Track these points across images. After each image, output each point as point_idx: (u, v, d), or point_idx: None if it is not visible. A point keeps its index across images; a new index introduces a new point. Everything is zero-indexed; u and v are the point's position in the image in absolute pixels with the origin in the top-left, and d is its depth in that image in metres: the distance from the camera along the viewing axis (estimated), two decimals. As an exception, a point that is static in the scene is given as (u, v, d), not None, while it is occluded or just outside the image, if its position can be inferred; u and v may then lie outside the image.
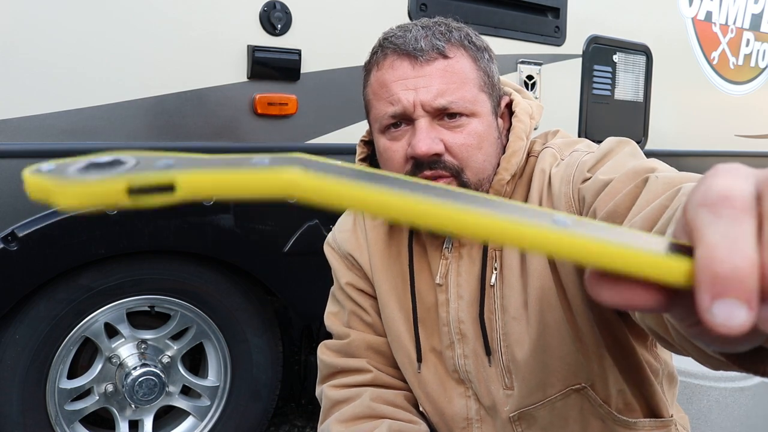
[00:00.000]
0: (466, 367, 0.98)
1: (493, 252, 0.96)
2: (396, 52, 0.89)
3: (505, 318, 0.94)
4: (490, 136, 0.92)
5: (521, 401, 0.94)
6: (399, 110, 0.88)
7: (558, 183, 0.89)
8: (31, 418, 1.83)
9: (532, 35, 2.54)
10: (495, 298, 0.95)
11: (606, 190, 0.77)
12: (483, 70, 0.92)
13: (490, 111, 0.93)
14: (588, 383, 0.93)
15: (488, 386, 0.97)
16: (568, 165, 0.89)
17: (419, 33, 0.89)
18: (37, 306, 1.78)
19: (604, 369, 0.92)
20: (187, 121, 1.86)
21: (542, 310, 0.90)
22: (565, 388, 0.93)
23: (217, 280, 2.02)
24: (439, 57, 0.88)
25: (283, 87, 1.99)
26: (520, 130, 0.95)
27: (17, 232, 1.66)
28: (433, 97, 0.87)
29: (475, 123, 0.90)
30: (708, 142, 3.41)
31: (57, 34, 1.68)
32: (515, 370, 0.94)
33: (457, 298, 0.97)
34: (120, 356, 1.97)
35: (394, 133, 0.91)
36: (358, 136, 1.07)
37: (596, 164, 0.84)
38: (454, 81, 0.88)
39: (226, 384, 2.11)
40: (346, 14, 2.10)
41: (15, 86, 1.65)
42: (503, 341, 0.94)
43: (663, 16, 3.09)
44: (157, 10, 1.80)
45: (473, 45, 0.92)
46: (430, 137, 0.87)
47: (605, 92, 2.83)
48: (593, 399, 0.93)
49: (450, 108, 0.88)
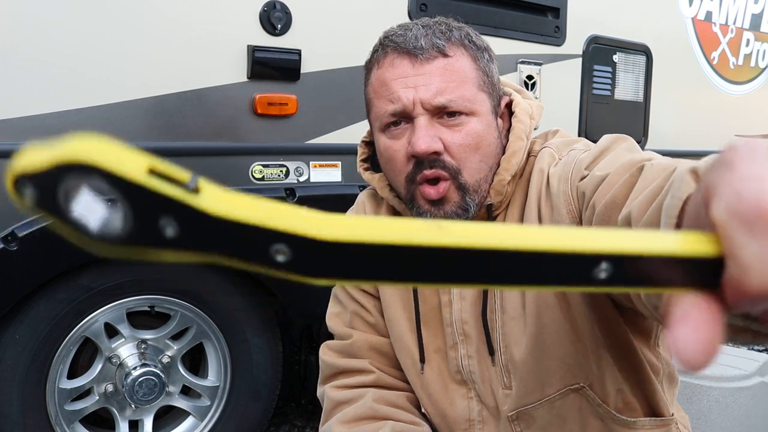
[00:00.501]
0: (470, 368, 0.98)
1: None
2: (396, 51, 0.89)
3: (504, 318, 0.94)
4: (489, 135, 0.92)
5: (519, 401, 0.94)
6: (399, 108, 0.89)
7: (556, 182, 0.89)
8: (31, 418, 1.83)
9: (532, 35, 2.54)
10: (495, 298, 0.95)
11: (603, 183, 0.77)
12: (483, 70, 0.92)
13: (489, 110, 0.93)
14: (586, 383, 0.93)
15: (491, 386, 0.97)
16: (565, 164, 0.89)
17: (420, 32, 0.89)
18: (37, 306, 1.78)
19: (603, 369, 0.92)
20: (187, 121, 1.86)
21: (539, 310, 0.90)
22: (563, 387, 0.93)
23: (217, 280, 2.01)
24: (439, 55, 0.88)
25: (283, 87, 1.99)
26: (520, 131, 0.95)
27: (17, 232, 1.66)
28: (432, 95, 0.87)
29: (474, 122, 0.90)
30: (708, 142, 3.40)
31: (57, 34, 1.68)
32: (513, 369, 0.94)
33: (460, 299, 0.97)
34: (120, 356, 1.97)
35: (394, 132, 0.91)
36: (358, 136, 1.07)
37: (593, 161, 0.84)
38: (453, 80, 0.88)
39: (226, 384, 2.11)
40: (346, 14, 2.10)
41: (15, 86, 1.65)
42: (502, 341, 0.94)
43: (663, 16, 3.09)
44: (157, 10, 1.80)
45: (473, 44, 0.92)
46: (429, 135, 0.87)
47: (605, 92, 2.83)
48: (592, 398, 0.93)
49: (449, 106, 0.88)
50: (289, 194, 2.01)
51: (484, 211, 0.95)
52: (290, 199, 2.01)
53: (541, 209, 0.91)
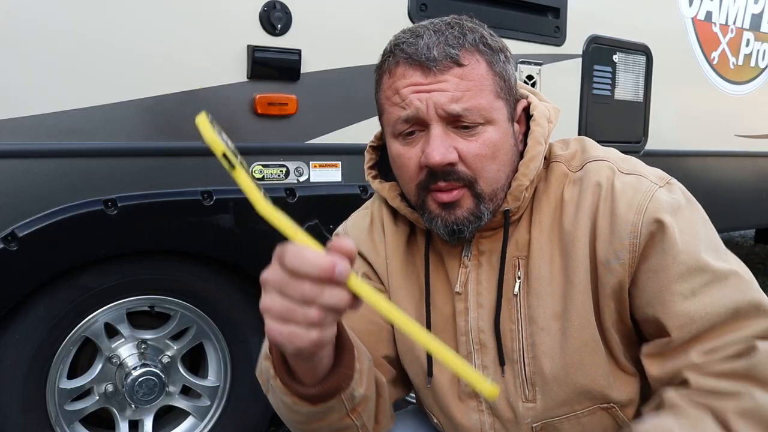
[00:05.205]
0: None
1: (516, 260, 0.94)
2: (407, 62, 0.86)
3: (532, 328, 0.91)
4: (506, 143, 0.89)
5: (546, 413, 0.93)
6: (412, 113, 0.85)
7: (625, 205, 0.86)
8: (31, 418, 1.82)
9: (532, 35, 2.54)
10: (518, 307, 0.92)
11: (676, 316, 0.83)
12: (499, 75, 0.88)
13: (506, 117, 0.90)
14: (617, 404, 0.92)
15: (508, 398, 0.95)
16: (636, 191, 0.87)
17: (431, 40, 0.85)
18: (37, 306, 1.77)
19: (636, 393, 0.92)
20: (187, 121, 1.86)
21: (582, 325, 0.89)
22: (593, 405, 0.92)
23: (217, 280, 2.01)
24: (453, 65, 0.84)
25: (283, 87, 1.99)
26: (539, 135, 0.92)
27: (17, 232, 1.66)
28: (447, 100, 0.84)
29: (491, 131, 0.87)
30: (708, 142, 3.40)
31: (57, 34, 1.68)
32: (541, 382, 0.92)
33: (477, 307, 0.95)
34: (120, 356, 1.97)
35: (407, 139, 0.89)
36: (358, 136, 1.06)
37: (673, 217, 0.85)
38: (469, 88, 0.85)
39: (226, 384, 2.11)
40: (346, 14, 2.10)
41: (15, 86, 1.64)
42: (528, 352, 0.92)
43: (663, 16, 3.09)
44: (156, 10, 1.80)
45: (488, 47, 0.88)
46: (444, 146, 0.84)
47: (605, 92, 2.83)
48: (620, 419, 0.93)
49: (464, 116, 0.84)
50: (289, 194, 2.01)
51: (500, 217, 0.93)
52: (290, 199, 2.01)
53: (599, 222, 0.88)
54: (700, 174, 3.40)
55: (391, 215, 1.04)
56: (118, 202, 1.76)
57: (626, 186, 0.88)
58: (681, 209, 0.86)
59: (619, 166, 0.92)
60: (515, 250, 0.94)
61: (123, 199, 1.76)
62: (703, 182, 3.39)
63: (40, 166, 1.68)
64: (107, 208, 1.74)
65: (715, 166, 3.49)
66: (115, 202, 1.75)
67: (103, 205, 1.74)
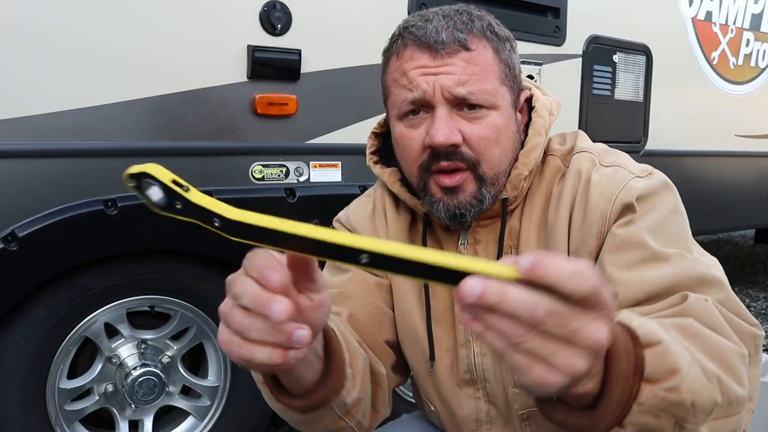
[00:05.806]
0: (483, 366, 0.97)
1: (509, 249, 0.95)
2: (416, 44, 0.87)
3: None
4: (509, 129, 0.91)
5: (530, 400, 0.93)
6: (419, 95, 0.87)
7: (597, 195, 0.87)
8: (31, 418, 1.82)
9: (532, 35, 2.54)
10: None
11: (631, 279, 0.80)
12: (504, 62, 0.90)
13: (509, 104, 0.91)
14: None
15: (504, 385, 0.96)
16: (611, 180, 0.88)
17: (440, 24, 0.87)
18: (37, 306, 1.77)
19: None
20: (187, 121, 1.86)
21: None
22: None
23: (217, 280, 2.01)
24: (461, 49, 0.87)
25: (283, 87, 1.99)
26: (540, 126, 0.94)
27: (17, 232, 1.66)
28: (453, 83, 0.85)
29: (495, 116, 0.88)
30: (708, 142, 3.41)
31: (57, 34, 1.68)
32: None
33: None
34: (120, 356, 1.97)
35: (412, 120, 0.90)
36: (358, 137, 1.06)
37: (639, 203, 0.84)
38: (475, 72, 0.87)
39: (226, 384, 2.11)
40: (346, 14, 2.10)
41: (15, 86, 1.64)
42: None
43: (663, 16, 3.09)
44: (156, 10, 1.80)
45: (495, 35, 0.90)
46: (448, 127, 0.86)
47: (605, 92, 2.83)
48: None
49: (470, 99, 0.86)
50: (289, 194, 2.01)
51: (499, 206, 0.94)
52: (290, 199, 2.01)
53: (574, 214, 0.90)
54: (700, 174, 3.40)
55: (393, 202, 1.05)
56: (118, 202, 1.76)
57: (602, 177, 0.89)
58: (651, 195, 0.86)
59: (601, 158, 0.93)
60: (508, 239, 0.96)
61: (123, 199, 1.76)
62: (703, 182, 3.40)
63: (40, 166, 1.68)
64: (107, 208, 1.74)
65: (715, 166, 3.49)
66: (115, 202, 1.75)
67: (103, 205, 1.74)
